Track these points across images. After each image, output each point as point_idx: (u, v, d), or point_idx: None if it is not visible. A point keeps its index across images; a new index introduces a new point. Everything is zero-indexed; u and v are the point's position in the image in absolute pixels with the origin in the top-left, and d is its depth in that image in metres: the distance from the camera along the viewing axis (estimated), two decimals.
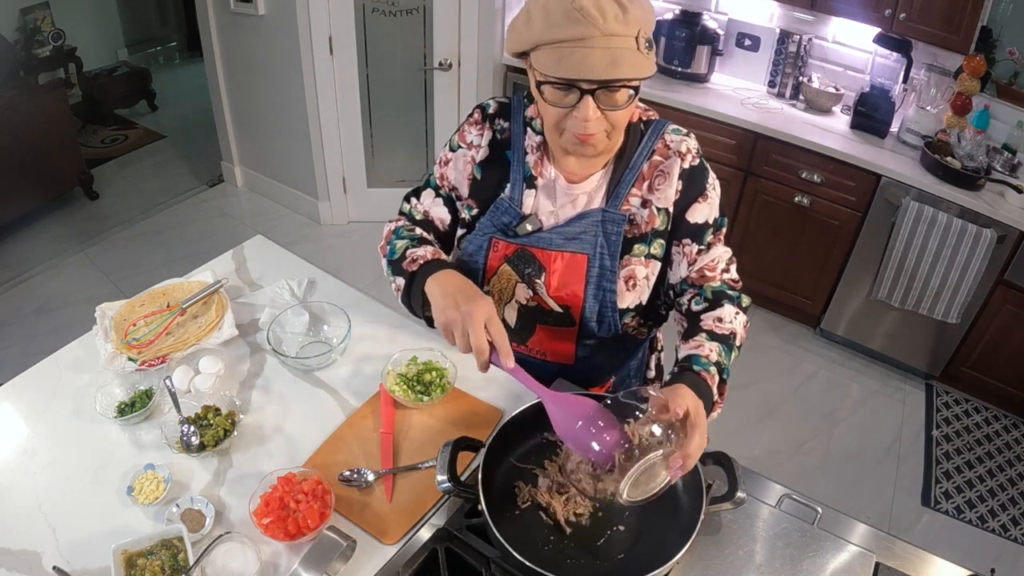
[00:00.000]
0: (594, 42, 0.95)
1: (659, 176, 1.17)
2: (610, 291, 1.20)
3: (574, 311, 1.23)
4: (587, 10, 0.95)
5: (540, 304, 1.24)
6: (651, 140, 1.18)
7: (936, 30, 2.60)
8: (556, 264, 1.20)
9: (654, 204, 1.17)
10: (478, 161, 1.24)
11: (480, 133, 1.24)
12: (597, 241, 1.18)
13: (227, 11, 3.40)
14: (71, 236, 3.70)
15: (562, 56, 0.97)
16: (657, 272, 1.22)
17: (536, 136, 1.20)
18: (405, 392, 1.37)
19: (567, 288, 1.21)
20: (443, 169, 1.29)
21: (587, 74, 0.96)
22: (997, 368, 2.81)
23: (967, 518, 2.47)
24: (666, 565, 0.98)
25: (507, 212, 1.21)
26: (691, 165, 1.17)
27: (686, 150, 1.18)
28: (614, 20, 0.95)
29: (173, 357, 1.43)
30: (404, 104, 3.51)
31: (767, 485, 1.23)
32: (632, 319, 1.26)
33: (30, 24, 4.56)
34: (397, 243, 1.24)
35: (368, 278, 3.42)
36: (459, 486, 1.07)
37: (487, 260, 1.24)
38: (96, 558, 1.08)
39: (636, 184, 1.17)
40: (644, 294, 1.22)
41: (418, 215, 1.32)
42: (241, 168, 4.08)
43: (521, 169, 1.20)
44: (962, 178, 2.57)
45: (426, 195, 1.32)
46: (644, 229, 1.18)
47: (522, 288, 1.23)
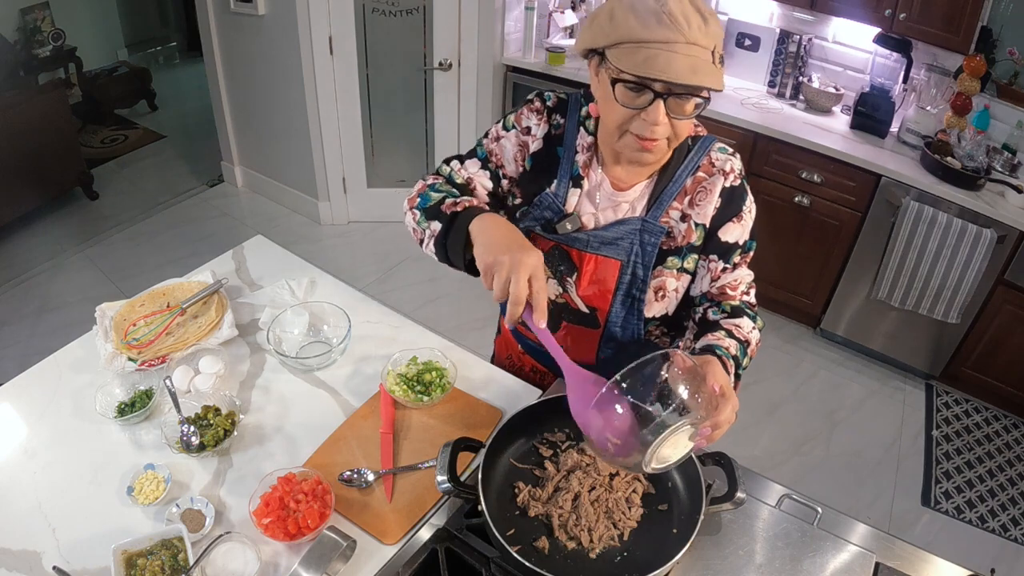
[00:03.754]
0: (677, 48, 0.97)
1: (701, 192, 1.18)
2: (639, 300, 1.21)
3: (600, 314, 1.24)
4: (675, 15, 0.97)
5: (568, 302, 1.26)
6: (697, 155, 1.19)
7: (936, 30, 2.60)
8: (589, 266, 1.22)
9: (693, 219, 1.19)
10: (531, 152, 1.24)
11: (539, 123, 1.24)
12: (633, 249, 1.19)
13: (227, 11, 3.40)
14: (71, 236, 3.70)
15: (647, 56, 0.98)
16: (687, 285, 1.23)
17: (588, 137, 1.21)
18: (405, 392, 1.37)
19: (597, 291, 1.22)
20: (493, 145, 1.28)
21: (670, 76, 0.97)
22: (997, 368, 2.81)
23: (967, 518, 2.47)
24: (666, 565, 0.99)
25: (550, 208, 1.22)
26: (732, 185, 1.19)
27: (730, 169, 1.19)
28: (697, 30, 0.98)
29: (173, 357, 1.43)
30: (404, 104, 3.51)
31: (767, 485, 1.23)
32: (656, 328, 1.27)
33: (30, 24, 4.57)
34: (432, 194, 1.19)
35: (368, 278, 3.42)
36: (459, 486, 1.07)
37: None
38: (96, 558, 1.08)
39: (678, 198, 1.18)
40: (671, 305, 1.24)
41: (459, 179, 1.27)
42: (241, 168, 4.08)
43: (570, 167, 1.21)
44: (962, 178, 2.57)
45: (472, 163, 1.29)
46: (680, 242, 1.19)
47: (553, 284, 1.25)
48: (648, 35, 0.98)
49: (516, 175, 1.27)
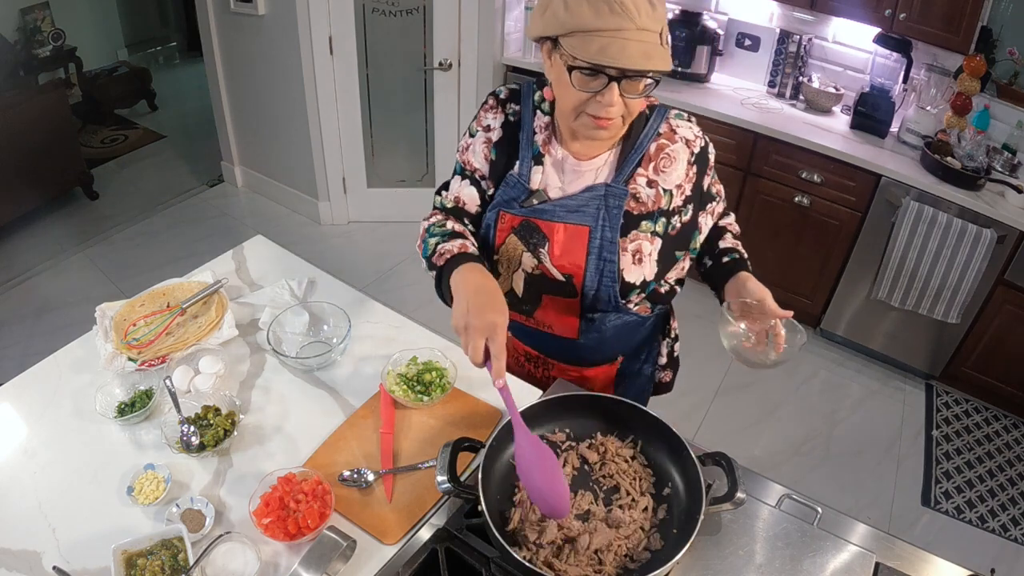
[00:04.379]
0: (629, 34, 1.03)
1: (664, 159, 1.25)
2: (610, 262, 1.25)
3: (576, 280, 1.28)
4: (625, 4, 1.02)
5: (544, 272, 1.30)
6: (655, 123, 1.25)
7: (936, 30, 2.60)
8: (559, 235, 1.26)
9: (660, 185, 1.25)
10: (493, 142, 1.31)
11: (496, 117, 1.31)
12: (599, 214, 1.23)
13: (227, 11, 3.40)
14: (71, 236, 3.70)
15: (602, 45, 1.03)
16: (660, 249, 1.28)
17: (545, 117, 1.28)
18: (405, 392, 1.37)
19: (569, 258, 1.27)
20: (465, 155, 1.35)
21: (624, 63, 1.03)
22: (997, 368, 2.81)
23: (967, 518, 2.47)
24: (666, 565, 0.99)
25: (515, 187, 1.27)
26: (700, 148, 1.27)
27: (693, 136, 1.27)
28: (646, 16, 1.04)
29: (173, 357, 1.43)
30: (404, 104, 3.51)
31: (767, 485, 1.23)
32: (637, 296, 1.32)
33: (30, 24, 4.57)
34: (430, 240, 1.29)
35: (368, 278, 3.42)
36: (459, 486, 1.07)
37: (496, 232, 1.30)
38: (96, 558, 1.08)
39: (642, 164, 1.24)
40: (649, 270, 1.28)
41: (449, 203, 1.36)
42: (241, 168, 4.08)
43: (530, 148, 1.27)
44: (962, 178, 2.57)
45: (454, 182, 1.37)
46: (651, 207, 1.25)
47: (528, 257, 1.29)
48: (601, 24, 1.03)
49: (488, 171, 1.32)
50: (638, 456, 1.20)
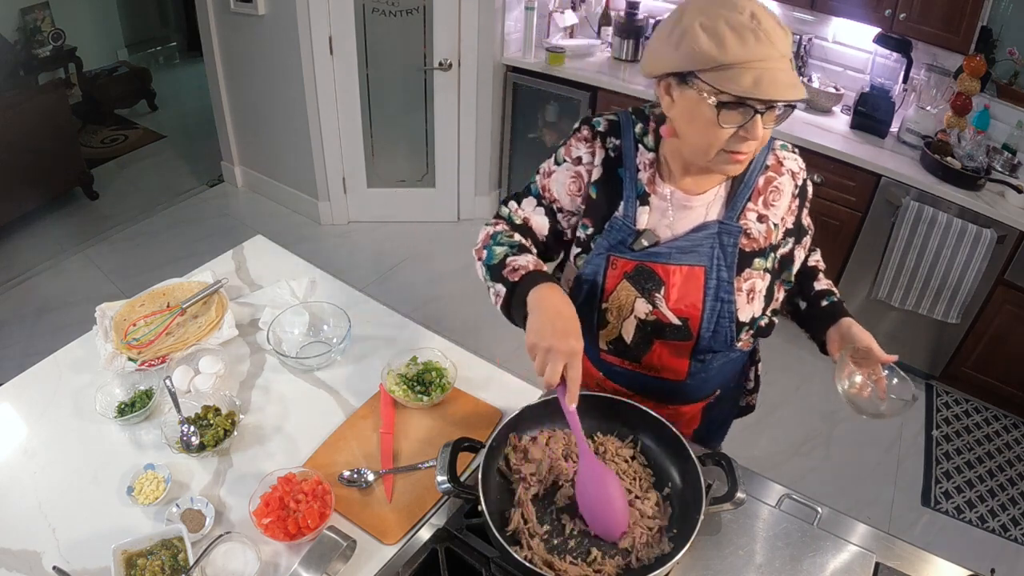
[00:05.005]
0: (774, 63, 0.98)
1: (773, 192, 1.20)
2: (727, 302, 1.20)
3: (692, 324, 1.22)
4: (769, 32, 0.97)
5: (659, 318, 1.23)
6: (763, 155, 1.20)
7: (936, 30, 2.60)
8: (675, 277, 1.20)
9: (770, 220, 1.20)
10: (593, 180, 1.23)
11: (591, 151, 1.24)
12: (714, 253, 1.18)
13: (227, 11, 3.40)
14: (71, 236, 3.70)
15: (755, 77, 0.97)
16: (767, 284, 1.24)
17: (648, 153, 1.20)
18: (405, 392, 1.37)
19: (686, 300, 1.21)
20: (546, 180, 1.28)
21: (778, 95, 0.98)
22: (997, 368, 2.81)
23: (967, 518, 2.47)
24: (666, 565, 0.99)
25: (621, 230, 1.21)
26: (803, 180, 1.24)
27: (798, 168, 1.23)
28: (783, 42, 0.99)
29: (173, 357, 1.43)
30: (404, 104, 3.51)
31: (767, 485, 1.23)
32: (746, 333, 1.26)
33: (30, 24, 4.57)
34: (496, 249, 1.23)
35: (368, 278, 3.42)
36: (459, 486, 1.07)
37: (606, 278, 1.23)
38: (96, 558, 1.08)
39: (752, 199, 1.19)
40: (758, 307, 1.24)
41: (517, 220, 1.30)
42: (241, 168, 4.08)
43: (634, 186, 1.20)
44: (962, 178, 2.57)
45: (527, 202, 1.31)
46: (763, 244, 1.20)
47: (641, 303, 1.22)
48: (749, 54, 0.97)
49: (574, 208, 1.26)
50: (638, 456, 1.20)
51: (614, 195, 1.22)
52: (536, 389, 1.41)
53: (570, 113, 3.40)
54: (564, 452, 1.18)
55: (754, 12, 0.98)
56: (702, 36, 0.99)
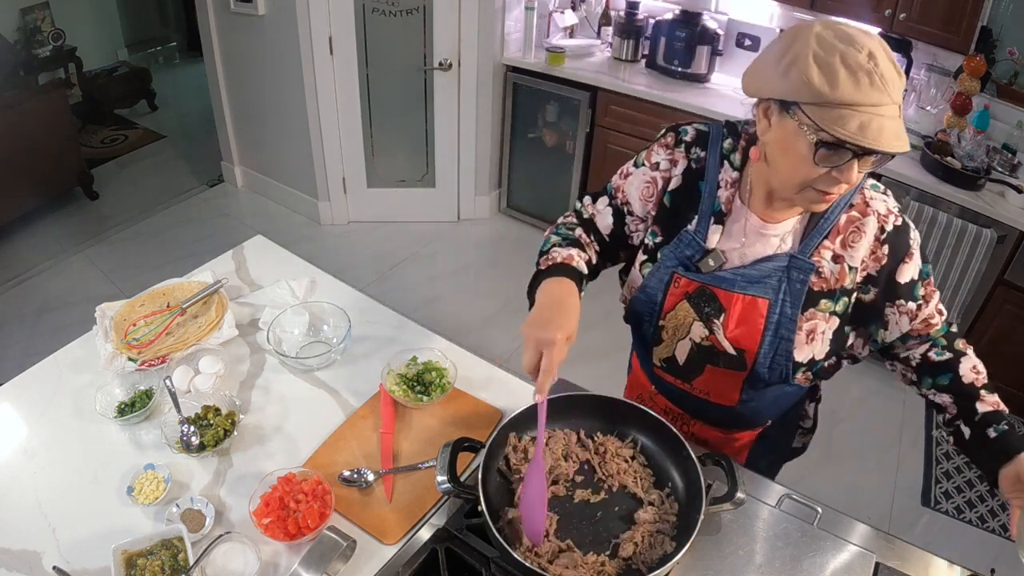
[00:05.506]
0: (885, 110, 0.92)
1: (854, 233, 1.11)
2: (787, 340, 1.15)
3: (748, 356, 1.19)
4: (886, 77, 0.92)
5: (714, 344, 1.20)
6: (849, 193, 1.11)
7: (936, 30, 2.60)
8: (736, 306, 1.16)
9: (846, 261, 1.12)
10: (670, 189, 1.20)
11: (671, 159, 1.20)
12: (781, 287, 1.13)
13: (227, 11, 3.40)
14: (71, 236, 3.70)
15: (862, 123, 0.92)
16: (834, 329, 1.16)
17: (732, 172, 1.15)
18: (405, 392, 1.37)
19: (745, 331, 1.17)
20: (621, 181, 1.26)
21: (882, 144, 0.92)
22: (997, 368, 2.78)
23: (967, 518, 2.47)
24: (666, 565, 0.99)
25: (690, 245, 1.17)
26: (894, 226, 1.11)
27: (886, 211, 1.11)
28: (897, 90, 0.93)
29: (173, 357, 1.43)
30: (404, 104, 3.51)
31: (767, 485, 1.23)
32: (803, 374, 1.21)
33: (30, 24, 4.57)
34: (552, 238, 1.26)
35: (368, 278, 3.42)
36: (459, 487, 1.07)
37: (666, 295, 1.21)
38: (96, 558, 1.08)
39: (830, 236, 1.12)
40: (819, 349, 1.17)
41: (585, 214, 1.30)
42: (241, 168, 4.08)
43: (711, 203, 1.16)
44: (962, 178, 2.57)
45: (601, 200, 1.29)
46: (833, 285, 1.13)
47: (698, 326, 1.20)
48: (861, 98, 0.92)
49: (643, 213, 1.24)
50: (638, 456, 1.20)
51: (689, 208, 1.18)
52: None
53: (570, 113, 3.40)
54: (564, 452, 1.18)
55: (873, 52, 0.92)
56: (814, 69, 0.93)
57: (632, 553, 1.06)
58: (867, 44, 0.93)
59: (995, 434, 1.09)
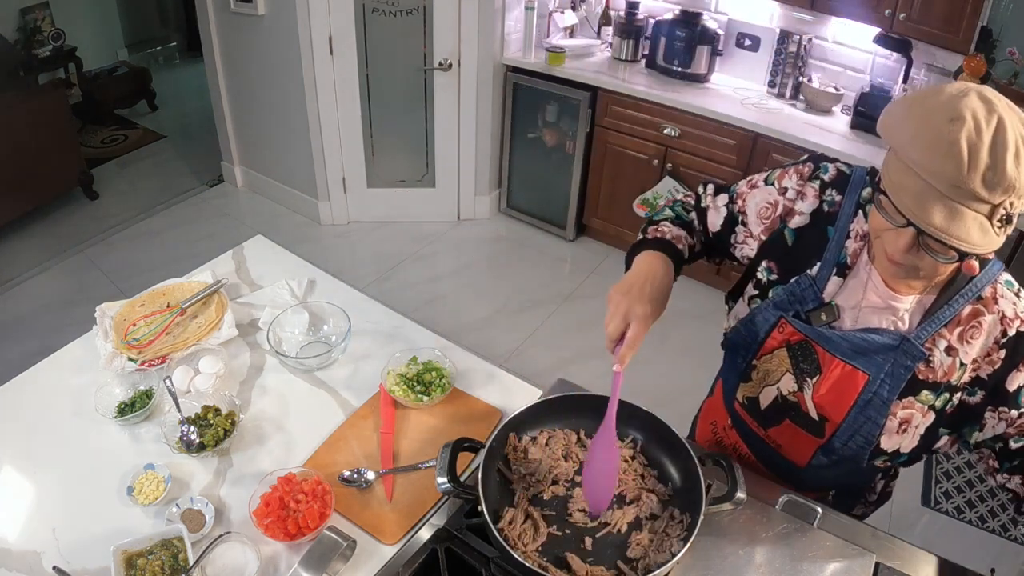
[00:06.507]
0: (944, 188, 0.83)
1: (974, 328, 1.02)
2: (872, 422, 1.08)
3: (828, 426, 1.12)
4: (959, 148, 0.81)
5: (800, 402, 1.14)
6: (980, 283, 1.02)
7: (936, 30, 2.60)
8: (834, 372, 1.09)
9: (959, 356, 1.03)
10: (795, 227, 1.13)
11: (799, 190, 1.13)
12: (884, 367, 1.05)
13: (227, 11, 3.40)
14: (71, 236, 3.70)
15: (911, 188, 0.85)
16: (929, 424, 1.08)
17: (865, 224, 1.07)
18: (405, 392, 1.37)
19: (833, 400, 1.10)
20: (747, 190, 1.20)
21: (918, 220, 0.85)
22: None
23: (967, 518, 2.47)
24: (666, 565, 0.99)
25: (806, 291, 1.10)
26: (1018, 332, 1.02)
27: (1014, 315, 1.01)
28: (980, 178, 0.81)
29: (173, 357, 1.43)
30: (404, 104, 3.51)
31: (767, 485, 1.23)
32: (883, 462, 1.14)
33: (30, 24, 4.57)
34: (667, 211, 1.26)
35: (368, 278, 3.42)
36: (459, 487, 1.07)
37: (768, 337, 1.15)
38: (96, 558, 1.08)
39: (949, 326, 1.03)
40: (908, 443, 1.09)
41: (704, 202, 1.26)
42: (241, 168, 4.08)
43: (837, 252, 1.08)
44: None
45: (721, 197, 1.24)
46: (940, 377, 1.04)
47: (789, 378, 1.14)
48: (920, 159, 0.83)
49: (754, 231, 1.18)
50: (638, 456, 1.20)
51: (812, 252, 1.10)
52: (536, 389, 1.41)
53: (570, 113, 3.40)
54: (564, 452, 1.18)
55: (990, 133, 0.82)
56: (908, 111, 0.87)
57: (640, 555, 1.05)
58: (996, 121, 0.82)
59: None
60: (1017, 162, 0.81)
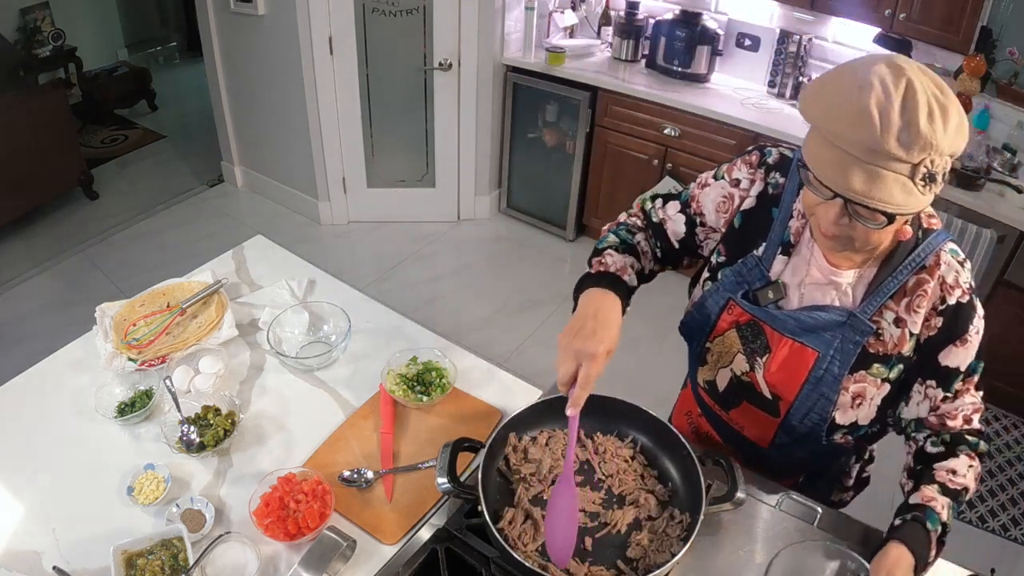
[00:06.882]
0: (861, 154, 0.85)
1: (920, 296, 1.03)
2: (826, 398, 1.09)
3: (783, 404, 1.15)
4: (869, 114, 0.83)
5: (753, 383, 1.17)
6: (924, 253, 1.03)
7: (936, 30, 2.60)
8: (782, 350, 1.11)
9: (908, 326, 1.04)
10: (742, 209, 1.15)
11: (751, 178, 1.15)
12: (833, 343, 1.07)
13: (227, 11, 3.40)
14: (71, 236, 3.70)
15: (829, 158, 0.88)
16: (885, 395, 1.10)
17: None
18: (405, 392, 1.37)
19: (784, 378, 1.13)
20: (698, 191, 1.21)
21: (839, 188, 0.87)
22: (997, 368, 2.79)
23: (967, 518, 2.47)
24: (666, 566, 0.99)
25: (752, 271, 1.13)
26: (958, 302, 1.02)
27: (955, 282, 1.02)
28: (895, 140, 0.83)
29: (173, 357, 1.43)
30: (404, 104, 3.51)
31: (767, 485, 1.23)
32: (842, 436, 1.16)
33: (30, 24, 4.57)
34: (610, 237, 1.24)
35: (368, 278, 3.42)
36: (459, 487, 1.07)
37: (719, 319, 1.18)
38: (96, 558, 1.08)
39: (895, 298, 1.04)
40: (864, 415, 1.11)
41: (655, 217, 1.25)
42: (241, 168, 4.08)
43: (781, 231, 1.11)
44: (962, 178, 2.57)
45: (672, 205, 1.24)
46: (890, 350, 1.06)
47: (741, 359, 1.17)
48: (835, 127, 0.86)
49: (716, 225, 1.20)
50: (638, 456, 1.20)
51: (758, 233, 1.13)
52: (536, 389, 1.41)
53: (570, 113, 3.40)
54: (564, 452, 1.18)
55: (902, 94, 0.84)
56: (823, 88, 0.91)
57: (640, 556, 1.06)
58: (904, 84, 0.84)
59: (898, 521, 1.03)
60: (931, 120, 0.84)
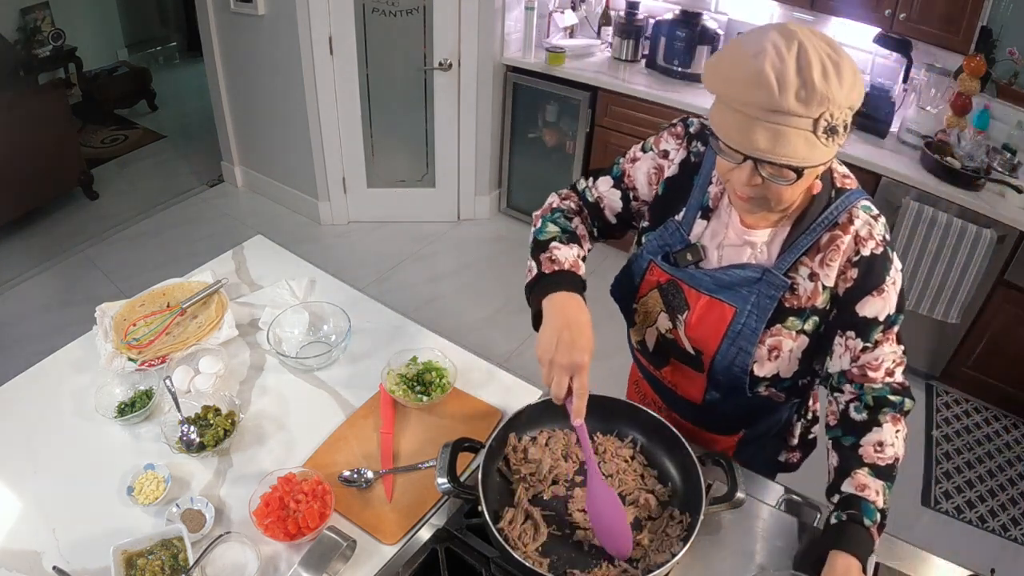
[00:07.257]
0: (762, 115, 0.89)
1: (833, 251, 1.06)
2: (745, 352, 1.13)
3: (705, 358, 1.19)
4: (766, 76, 0.88)
5: (676, 339, 1.21)
6: (837, 210, 1.06)
7: (936, 30, 2.60)
8: (700, 307, 1.16)
9: (821, 280, 1.08)
10: (665, 177, 1.20)
11: (678, 148, 1.19)
12: (750, 299, 1.11)
13: (227, 11, 3.40)
14: (71, 236, 3.70)
15: (733, 121, 0.92)
16: (804, 348, 1.13)
17: None
18: (405, 392, 1.37)
19: (704, 334, 1.17)
20: (629, 165, 1.24)
21: (745, 148, 0.92)
22: (997, 368, 2.81)
23: (967, 518, 2.47)
24: (666, 565, 0.99)
25: (673, 235, 1.17)
26: (872, 253, 1.05)
27: (868, 235, 1.05)
28: (793, 97, 0.87)
29: (173, 357, 1.43)
30: (404, 104, 3.51)
31: (767, 485, 1.23)
32: (766, 389, 1.19)
33: (30, 24, 4.57)
34: (549, 226, 1.22)
35: (368, 278, 3.42)
36: (459, 487, 1.07)
37: (642, 280, 1.23)
38: (96, 558, 1.08)
39: (809, 253, 1.08)
40: (784, 367, 1.15)
41: (591, 197, 1.27)
42: (241, 168, 4.08)
43: (700, 196, 1.16)
44: (962, 178, 2.57)
45: (604, 181, 1.27)
46: (804, 303, 1.09)
47: (664, 318, 1.21)
48: (736, 94, 0.91)
49: (649, 198, 1.23)
50: (638, 456, 1.20)
51: (679, 199, 1.18)
52: (536, 389, 1.41)
53: (570, 113, 3.40)
54: (564, 452, 1.18)
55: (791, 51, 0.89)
56: (720, 57, 0.96)
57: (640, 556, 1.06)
58: (796, 46, 0.89)
59: (835, 520, 1.03)
60: (825, 76, 0.88)
